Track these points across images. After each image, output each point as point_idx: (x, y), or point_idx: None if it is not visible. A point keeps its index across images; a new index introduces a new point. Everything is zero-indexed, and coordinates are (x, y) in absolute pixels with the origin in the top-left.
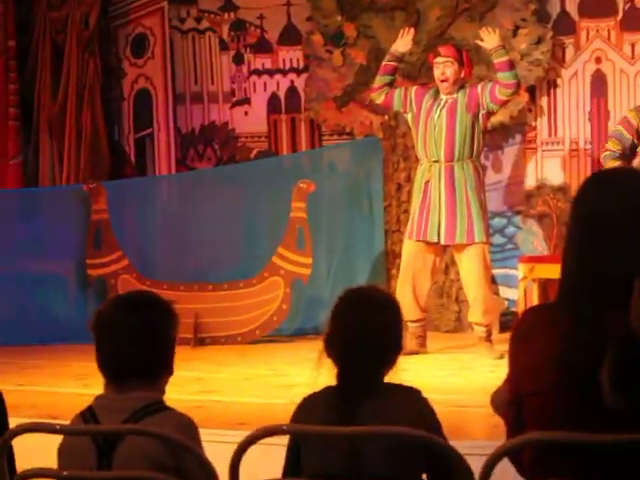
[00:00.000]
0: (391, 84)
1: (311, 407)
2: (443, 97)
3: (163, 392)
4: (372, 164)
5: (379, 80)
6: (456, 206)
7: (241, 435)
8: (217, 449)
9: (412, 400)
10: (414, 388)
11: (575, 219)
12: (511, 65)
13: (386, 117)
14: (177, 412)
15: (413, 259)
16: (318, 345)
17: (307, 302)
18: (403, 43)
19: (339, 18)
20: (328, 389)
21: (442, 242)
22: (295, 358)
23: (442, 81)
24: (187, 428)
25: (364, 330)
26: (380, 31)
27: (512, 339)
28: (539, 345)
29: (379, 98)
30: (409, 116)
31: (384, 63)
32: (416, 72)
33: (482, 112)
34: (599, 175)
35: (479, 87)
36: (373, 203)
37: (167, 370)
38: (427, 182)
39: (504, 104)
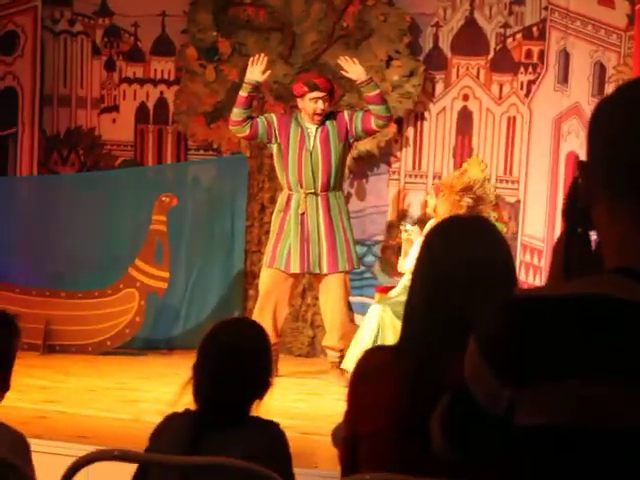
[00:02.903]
0: (251, 116)
1: (166, 428)
2: (312, 126)
3: None
4: (237, 182)
5: (240, 113)
6: (335, 236)
7: (82, 449)
8: (57, 461)
9: (267, 434)
10: (273, 422)
11: (424, 262)
12: (384, 98)
13: None
14: (8, 428)
15: (274, 287)
16: (170, 360)
17: (162, 316)
18: (259, 71)
19: (214, 33)
20: (188, 413)
21: (325, 271)
22: (145, 372)
23: (317, 114)
24: (18, 445)
25: (235, 365)
26: (255, 50)
27: (352, 379)
28: (379, 387)
29: (243, 131)
30: (274, 146)
31: (243, 94)
32: (288, 95)
33: (351, 140)
34: (448, 220)
35: (346, 115)
36: (235, 222)
37: (2, 385)
38: (303, 214)
39: (374, 133)
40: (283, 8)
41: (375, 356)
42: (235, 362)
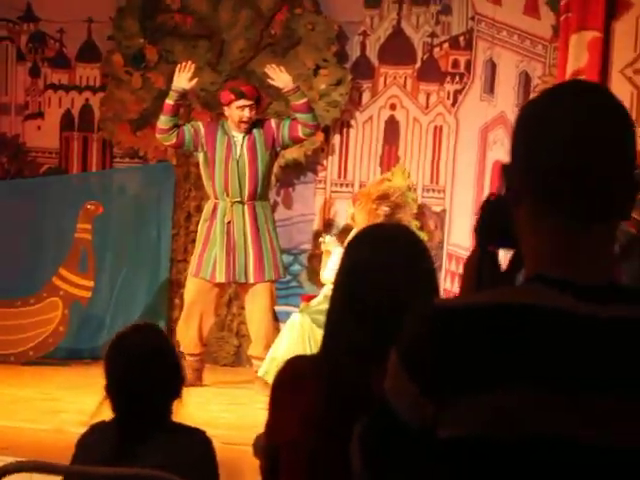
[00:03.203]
0: (178, 124)
1: (91, 437)
2: (238, 135)
3: None
4: (163, 190)
5: (167, 121)
6: (261, 245)
7: (2, 460)
8: None
9: (192, 442)
10: (199, 430)
11: (343, 272)
12: (310, 107)
13: None
14: None
15: (200, 296)
16: (94, 370)
17: (86, 325)
18: (186, 79)
19: (141, 40)
20: (114, 421)
21: (251, 281)
22: (69, 382)
23: (244, 122)
24: None
25: (143, 370)
26: (182, 57)
27: (272, 388)
28: (296, 396)
29: (169, 139)
30: (200, 155)
31: (170, 102)
32: (215, 103)
33: (278, 148)
34: (368, 229)
35: (273, 123)
36: (161, 230)
37: None
38: (229, 223)
39: (301, 142)
40: (211, 15)
41: (294, 365)
42: (143, 367)
